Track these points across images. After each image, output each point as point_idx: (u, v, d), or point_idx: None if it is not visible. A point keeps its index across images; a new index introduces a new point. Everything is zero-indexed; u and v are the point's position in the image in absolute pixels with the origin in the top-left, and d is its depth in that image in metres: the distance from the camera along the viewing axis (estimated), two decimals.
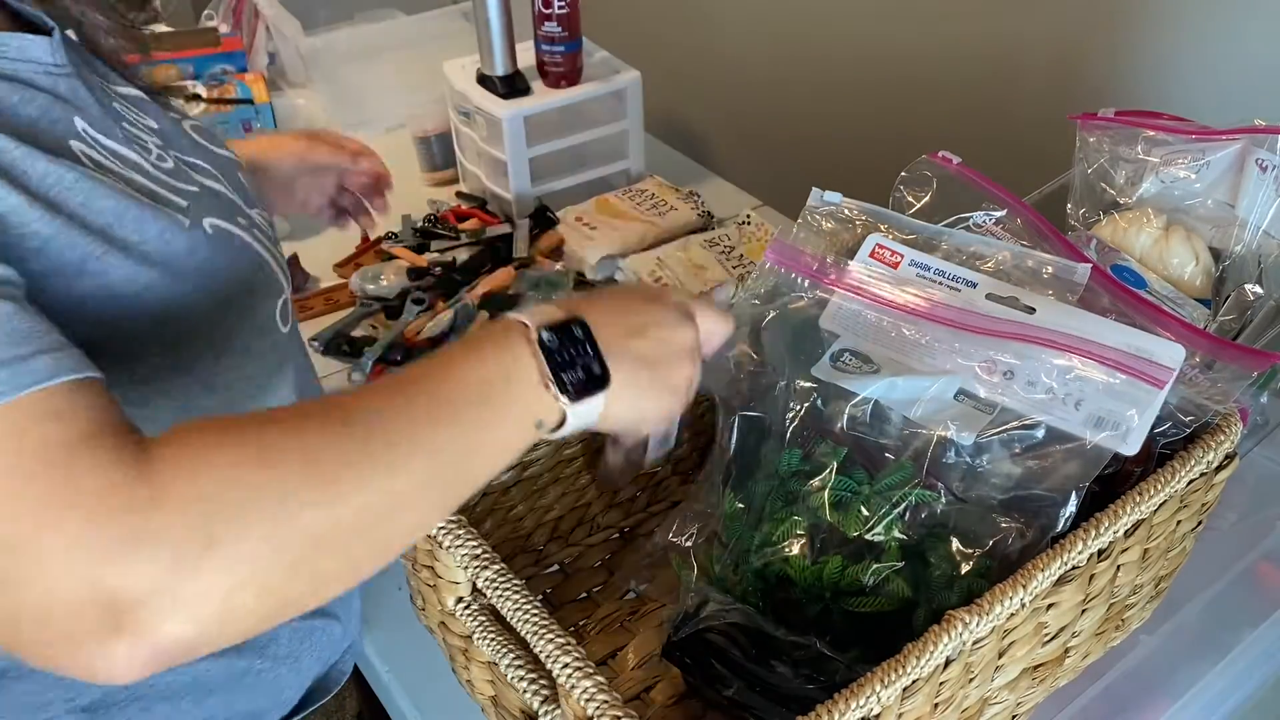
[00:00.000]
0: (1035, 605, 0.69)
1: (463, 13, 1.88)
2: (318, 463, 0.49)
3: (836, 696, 0.58)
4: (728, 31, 1.94)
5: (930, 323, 0.78)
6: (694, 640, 0.74)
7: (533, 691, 0.65)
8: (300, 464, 0.48)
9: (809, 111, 1.85)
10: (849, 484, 0.74)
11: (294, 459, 0.48)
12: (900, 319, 0.78)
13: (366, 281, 1.31)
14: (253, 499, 0.47)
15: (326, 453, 0.49)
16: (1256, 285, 0.96)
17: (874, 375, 0.76)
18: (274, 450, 0.48)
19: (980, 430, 0.72)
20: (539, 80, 1.43)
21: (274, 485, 0.47)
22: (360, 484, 0.49)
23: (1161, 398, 0.71)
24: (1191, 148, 1.01)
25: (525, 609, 0.63)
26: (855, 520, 0.73)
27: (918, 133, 1.63)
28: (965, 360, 0.75)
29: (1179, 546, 0.84)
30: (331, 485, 0.48)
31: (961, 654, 0.64)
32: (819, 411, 0.77)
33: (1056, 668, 0.79)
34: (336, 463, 0.49)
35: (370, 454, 0.50)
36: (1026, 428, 0.72)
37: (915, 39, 1.62)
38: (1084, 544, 0.67)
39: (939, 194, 0.90)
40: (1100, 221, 1.01)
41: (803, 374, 0.77)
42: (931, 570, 0.72)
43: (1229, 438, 0.75)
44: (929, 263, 0.81)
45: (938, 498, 0.73)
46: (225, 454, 0.47)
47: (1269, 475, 1.01)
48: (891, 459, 0.75)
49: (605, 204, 1.43)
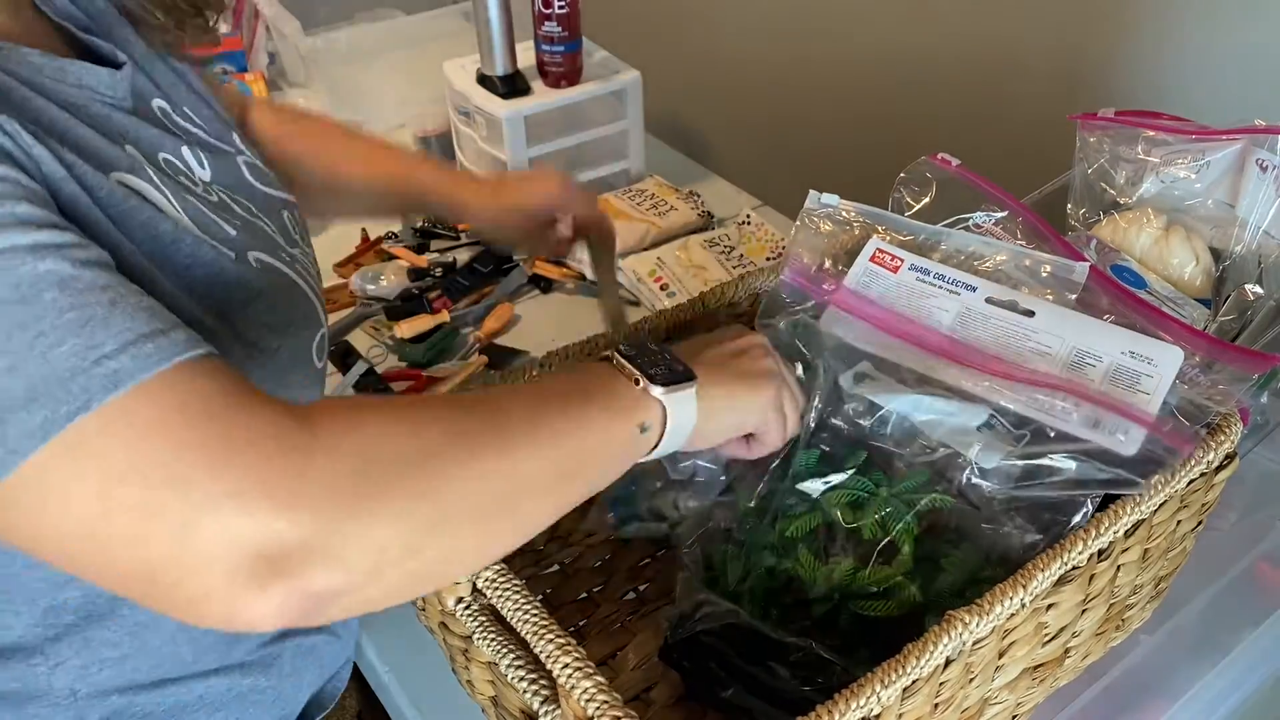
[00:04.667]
0: (1035, 605, 0.69)
1: (463, 13, 1.88)
2: (463, 435, 0.52)
3: (836, 697, 0.58)
4: (728, 31, 1.94)
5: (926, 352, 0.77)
6: (691, 642, 0.74)
7: (533, 692, 0.65)
8: (446, 435, 0.52)
9: (809, 111, 1.85)
10: (866, 485, 0.74)
11: (440, 430, 0.52)
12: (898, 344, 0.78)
13: (367, 282, 1.31)
14: (404, 458, 0.50)
15: (468, 430, 0.53)
16: (1256, 285, 0.96)
17: (900, 391, 0.75)
18: (421, 422, 0.52)
19: (1002, 457, 0.72)
20: (539, 80, 1.43)
21: (422, 450, 0.50)
22: (499, 460, 0.53)
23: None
24: (1191, 148, 1.01)
25: (525, 609, 0.63)
26: (870, 523, 0.73)
27: (918, 133, 1.63)
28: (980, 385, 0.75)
29: (1179, 546, 0.84)
30: (473, 457, 0.52)
31: (961, 654, 0.64)
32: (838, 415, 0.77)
33: (1057, 668, 0.79)
34: (478, 438, 0.52)
35: (505, 435, 0.53)
36: (1050, 459, 0.72)
37: (915, 39, 1.62)
38: (1084, 544, 0.67)
39: (939, 195, 0.90)
40: (1100, 222, 1.01)
41: (825, 379, 0.77)
42: (943, 577, 0.72)
43: (1229, 438, 0.75)
44: (929, 267, 0.81)
45: (953, 504, 0.73)
46: (377, 419, 0.51)
47: (1269, 475, 1.01)
48: (907, 468, 0.75)
49: (605, 204, 1.43)
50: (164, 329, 0.49)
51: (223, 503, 0.45)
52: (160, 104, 0.70)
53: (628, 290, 1.33)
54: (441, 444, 0.51)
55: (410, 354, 1.23)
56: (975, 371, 0.75)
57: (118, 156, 0.61)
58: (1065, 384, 0.73)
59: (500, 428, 0.54)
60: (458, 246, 1.38)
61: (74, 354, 0.46)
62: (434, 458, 0.50)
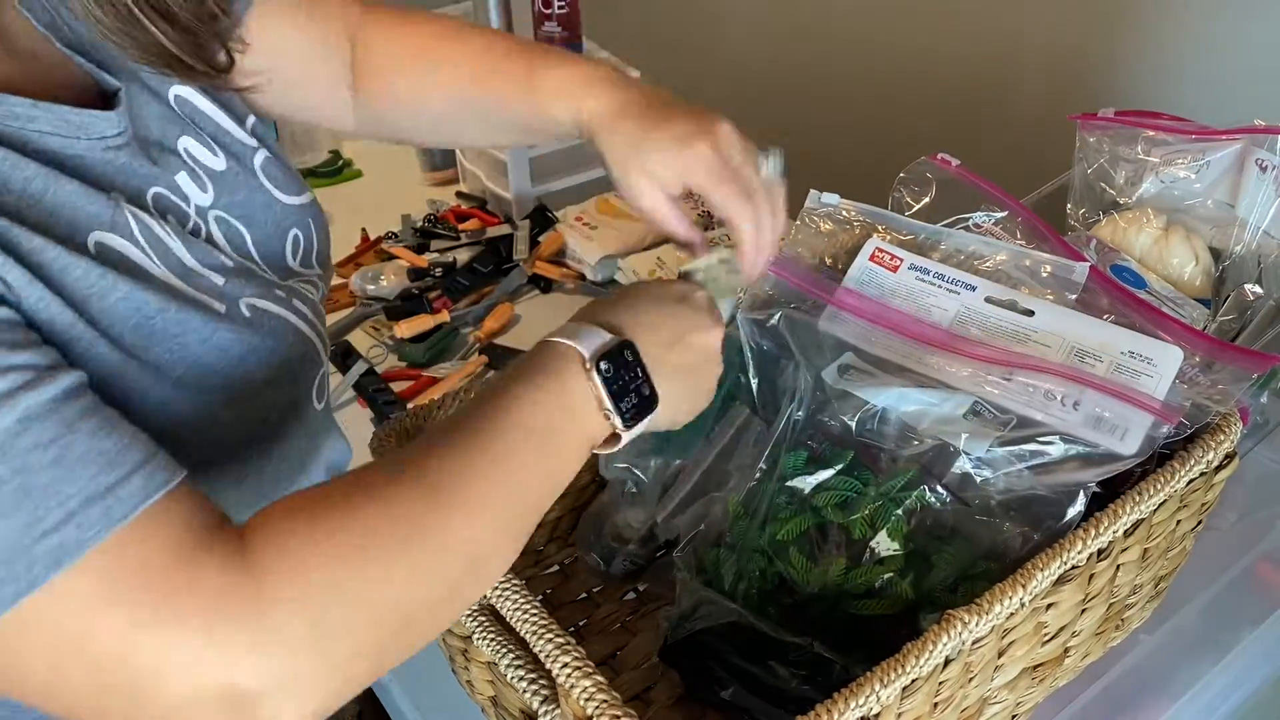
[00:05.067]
0: (1035, 605, 0.69)
1: (463, 13, 1.88)
2: (408, 538, 0.51)
3: (836, 696, 0.58)
4: (728, 32, 1.94)
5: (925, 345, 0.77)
6: (690, 642, 0.74)
7: (532, 691, 0.65)
8: (394, 541, 0.50)
9: (809, 111, 1.85)
10: (854, 485, 0.74)
11: (387, 536, 0.50)
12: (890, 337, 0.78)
13: (366, 282, 1.31)
14: (356, 584, 0.49)
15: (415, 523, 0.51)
16: (1256, 285, 0.96)
17: (884, 385, 0.75)
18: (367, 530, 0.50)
19: (989, 445, 0.72)
20: None
21: (374, 567, 0.49)
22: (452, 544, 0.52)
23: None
24: (1191, 148, 1.01)
25: (525, 609, 0.63)
26: (860, 521, 0.73)
27: (918, 133, 1.63)
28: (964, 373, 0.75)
29: (1179, 546, 0.84)
30: (427, 555, 0.51)
31: (961, 653, 0.64)
32: (825, 414, 0.77)
33: (1056, 667, 0.79)
34: (427, 532, 0.51)
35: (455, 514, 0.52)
36: (1036, 443, 0.72)
37: (915, 39, 1.62)
38: (1084, 544, 0.67)
39: (939, 195, 0.90)
40: (1100, 222, 1.01)
41: (809, 376, 0.77)
42: (935, 573, 0.72)
43: (1229, 437, 0.75)
44: (928, 266, 0.81)
45: (943, 500, 0.73)
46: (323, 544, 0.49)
47: (1269, 475, 1.01)
48: (896, 464, 0.75)
49: (605, 204, 1.43)
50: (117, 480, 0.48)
51: (175, 671, 0.46)
52: (160, 122, 0.69)
53: None
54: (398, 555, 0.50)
55: (410, 354, 1.23)
56: (973, 360, 0.75)
57: (98, 212, 0.59)
58: (1066, 370, 0.73)
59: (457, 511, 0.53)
60: (458, 246, 1.38)
61: (16, 531, 0.46)
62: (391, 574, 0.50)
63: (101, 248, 0.59)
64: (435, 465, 0.54)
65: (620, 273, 1.34)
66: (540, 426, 0.58)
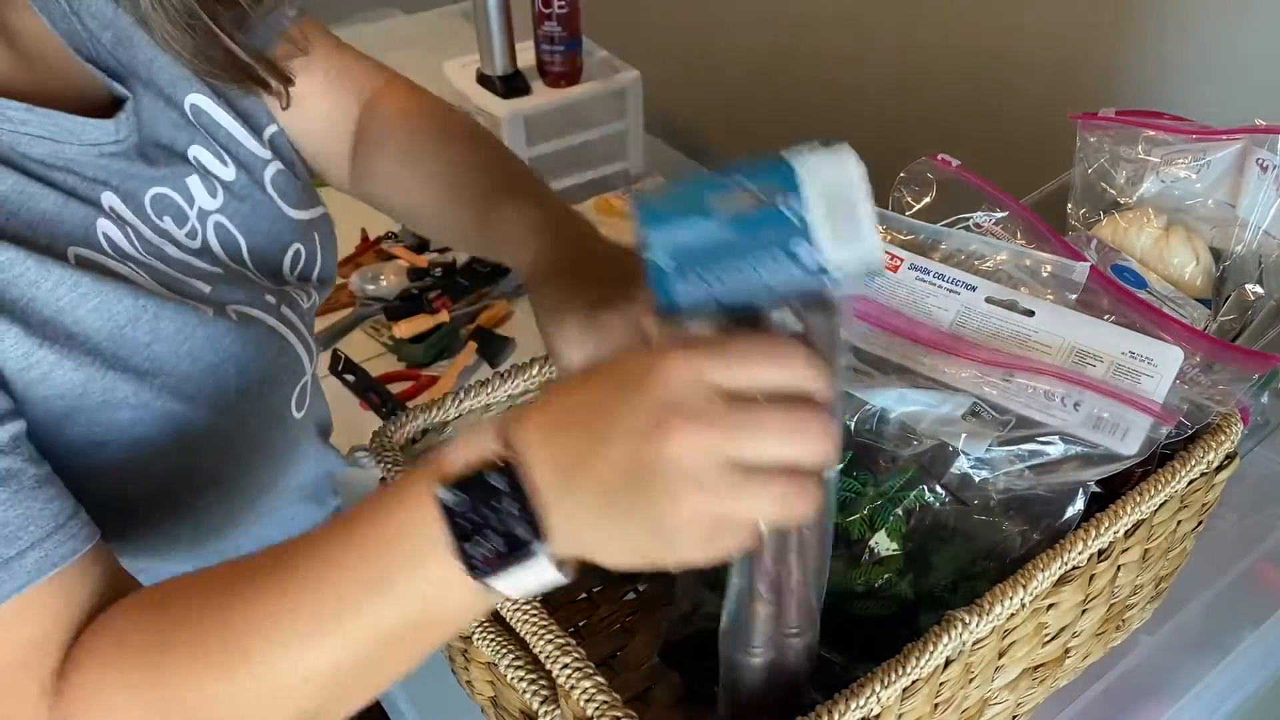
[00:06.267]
0: (1035, 605, 0.69)
1: (463, 13, 1.88)
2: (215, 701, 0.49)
3: (836, 696, 0.58)
4: (728, 31, 1.94)
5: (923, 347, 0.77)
6: (690, 642, 0.74)
7: (532, 692, 0.64)
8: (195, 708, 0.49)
9: (809, 111, 1.85)
10: (853, 485, 0.74)
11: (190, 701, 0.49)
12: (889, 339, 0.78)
13: (366, 282, 1.31)
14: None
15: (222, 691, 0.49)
16: (1257, 285, 0.96)
17: (883, 385, 0.75)
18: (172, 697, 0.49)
19: (988, 444, 0.72)
20: (539, 80, 1.43)
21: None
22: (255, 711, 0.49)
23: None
24: (1192, 148, 1.01)
25: (524, 609, 0.63)
26: (859, 521, 0.73)
27: (918, 132, 1.63)
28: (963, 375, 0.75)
29: (1179, 547, 0.84)
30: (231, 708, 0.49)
31: (961, 654, 0.64)
32: None
33: (1057, 668, 0.79)
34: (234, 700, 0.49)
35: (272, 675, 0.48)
36: (1036, 442, 0.72)
37: (915, 39, 1.62)
38: (1084, 544, 0.67)
39: (939, 195, 0.90)
40: (1100, 221, 1.01)
41: None
42: (935, 573, 0.72)
43: (1229, 438, 0.75)
44: (928, 266, 0.81)
45: (942, 500, 0.73)
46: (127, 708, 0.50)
47: (1269, 475, 1.01)
48: (894, 464, 0.75)
49: (605, 204, 1.43)
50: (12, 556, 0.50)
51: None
52: (171, 129, 0.69)
53: None
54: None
55: (409, 354, 1.23)
56: (973, 363, 0.75)
57: (81, 220, 0.60)
58: (1065, 373, 0.73)
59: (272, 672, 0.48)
60: None
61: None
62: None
63: (81, 259, 0.59)
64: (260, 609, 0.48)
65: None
66: (377, 583, 0.47)
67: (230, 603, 0.49)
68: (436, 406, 0.77)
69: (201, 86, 0.71)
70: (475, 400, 0.77)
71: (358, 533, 0.48)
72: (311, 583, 0.48)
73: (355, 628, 0.47)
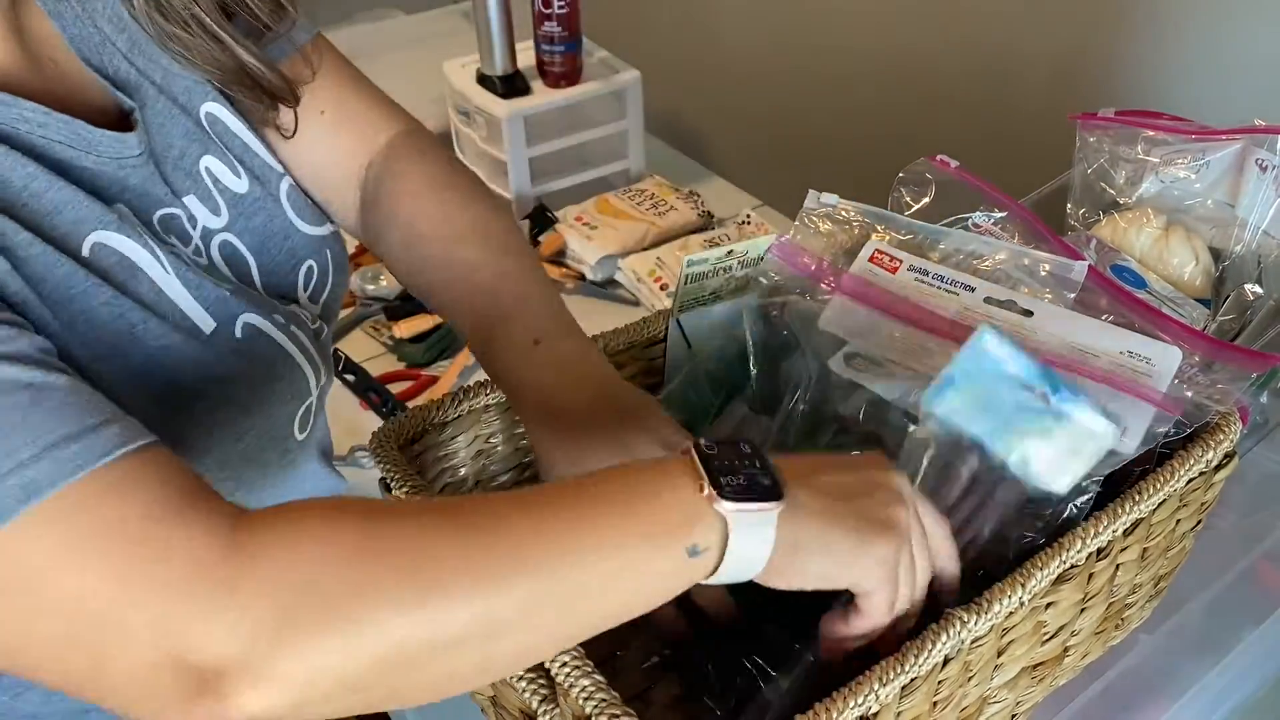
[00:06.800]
0: (1034, 604, 0.69)
1: (463, 13, 1.88)
2: (418, 571, 0.46)
3: (835, 695, 0.58)
4: (728, 31, 1.94)
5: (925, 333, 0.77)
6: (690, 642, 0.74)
7: (532, 691, 0.64)
8: (398, 569, 0.46)
9: (809, 111, 1.85)
10: None
11: (393, 561, 0.46)
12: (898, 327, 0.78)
13: (366, 282, 1.31)
14: (339, 597, 0.45)
15: (430, 560, 0.47)
16: (1256, 285, 0.96)
17: (889, 378, 0.75)
18: (375, 549, 0.46)
19: None
20: (539, 80, 1.43)
21: (365, 586, 0.46)
22: (461, 601, 0.47)
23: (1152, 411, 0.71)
24: (1191, 148, 1.01)
25: None
26: None
27: (918, 132, 1.63)
28: None
29: (1179, 546, 0.84)
30: (427, 599, 0.46)
31: (960, 652, 0.64)
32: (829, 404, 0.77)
33: (1056, 667, 0.79)
34: (438, 573, 0.47)
35: (479, 569, 0.47)
36: None
37: (915, 38, 1.63)
38: (1083, 543, 0.67)
39: (938, 196, 0.90)
40: (1100, 221, 1.01)
41: (814, 365, 0.77)
42: None
43: (1228, 437, 0.75)
44: (928, 268, 0.81)
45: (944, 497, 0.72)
46: (321, 545, 0.46)
47: (1269, 475, 1.01)
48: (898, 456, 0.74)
49: (605, 204, 1.43)
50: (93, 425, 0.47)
51: (145, 631, 0.44)
52: (183, 139, 0.68)
53: (627, 290, 1.33)
54: (395, 584, 0.46)
55: (409, 354, 1.23)
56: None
57: (99, 215, 0.59)
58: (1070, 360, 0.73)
59: (481, 565, 0.47)
60: None
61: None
62: (381, 601, 0.45)
63: (100, 249, 0.59)
64: (480, 510, 0.50)
65: (620, 272, 1.34)
66: (616, 512, 0.50)
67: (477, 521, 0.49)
68: (436, 406, 0.77)
69: (218, 96, 0.70)
70: (475, 400, 0.77)
71: (603, 480, 0.52)
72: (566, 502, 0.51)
73: (577, 558, 0.49)
